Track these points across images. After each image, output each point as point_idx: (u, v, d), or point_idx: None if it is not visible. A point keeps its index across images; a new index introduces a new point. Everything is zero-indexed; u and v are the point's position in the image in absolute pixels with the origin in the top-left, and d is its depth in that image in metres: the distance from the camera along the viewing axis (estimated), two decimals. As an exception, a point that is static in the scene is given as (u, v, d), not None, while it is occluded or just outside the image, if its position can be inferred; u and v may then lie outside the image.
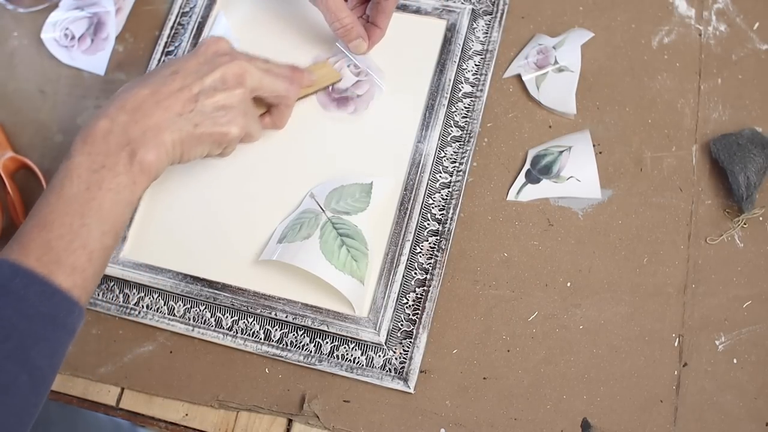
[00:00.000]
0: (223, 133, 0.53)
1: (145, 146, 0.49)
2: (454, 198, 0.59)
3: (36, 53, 0.72)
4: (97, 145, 0.48)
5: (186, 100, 0.51)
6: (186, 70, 0.52)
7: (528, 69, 0.64)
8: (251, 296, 0.58)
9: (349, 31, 0.60)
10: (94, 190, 0.47)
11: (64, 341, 0.46)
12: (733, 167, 0.57)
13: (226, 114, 0.53)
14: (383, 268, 0.58)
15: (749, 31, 0.64)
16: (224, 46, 0.55)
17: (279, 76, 0.57)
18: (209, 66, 0.53)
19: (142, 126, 0.49)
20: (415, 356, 0.55)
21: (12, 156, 0.67)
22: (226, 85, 0.53)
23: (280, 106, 0.59)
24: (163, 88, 0.51)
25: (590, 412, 0.54)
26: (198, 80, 0.52)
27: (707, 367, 0.54)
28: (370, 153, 0.62)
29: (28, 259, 0.45)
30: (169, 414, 0.58)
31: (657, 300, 0.56)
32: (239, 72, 0.53)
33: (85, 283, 0.47)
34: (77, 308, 0.46)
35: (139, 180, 0.49)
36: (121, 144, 0.49)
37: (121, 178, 0.48)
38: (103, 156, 0.48)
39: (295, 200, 0.61)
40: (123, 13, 0.71)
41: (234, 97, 0.53)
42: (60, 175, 0.48)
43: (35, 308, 0.44)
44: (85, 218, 0.47)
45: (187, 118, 0.51)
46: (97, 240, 0.47)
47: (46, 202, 0.47)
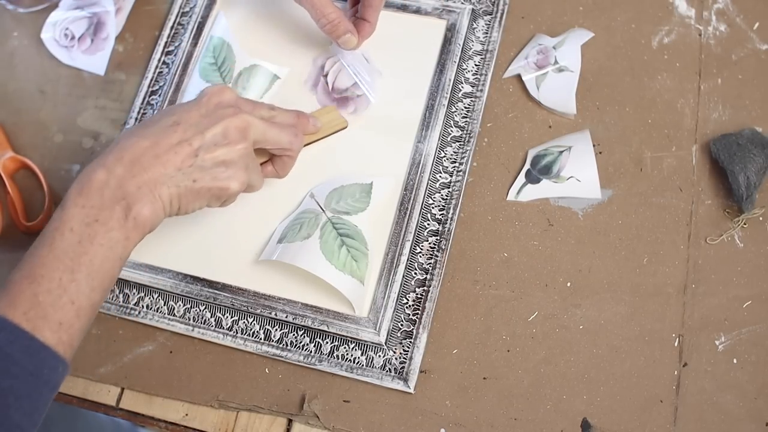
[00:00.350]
0: (222, 188, 0.51)
1: (141, 201, 0.48)
2: (454, 198, 0.59)
3: (36, 53, 0.72)
4: (91, 198, 0.47)
5: (185, 155, 0.49)
6: (187, 122, 0.51)
7: (528, 69, 0.64)
8: (251, 296, 0.58)
9: (336, 26, 0.59)
10: (86, 245, 0.46)
11: (45, 397, 0.44)
12: (733, 167, 0.57)
13: (227, 169, 0.51)
14: (383, 268, 0.58)
15: (749, 31, 0.64)
16: (228, 97, 0.53)
17: (284, 127, 0.55)
18: (211, 119, 0.51)
19: (138, 180, 0.48)
20: (415, 356, 0.55)
21: (12, 156, 0.67)
22: (227, 140, 0.51)
23: (284, 157, 0.58)
24: (163, 141, 0.49)
25: (590, 412, 0.54)
26: (198, 134, 0.50)
27: (707, 367, 0.54)
28: (370, 153, 0.62)
29: (15, 312, 0.44)
30: (169, 414, 0.58)
31: (657, 300, 0.56)
32: (242, 126, 0.52)
33: (71, 339, 0.45)
34: (62, 364, 0.45)
35: (132, 235, 0.48)
36: (117, 198, 0.47)
37: (114, 234, 0.47)
38: (97, 210, 0.47)
39: (295, 200, 0.61)
40: (123, 13, 0.71)
41: (235, 152, 0.51)
42: (52, 225, 0.47)
43: (19, 365, 0.43)
44: (75, 273, 0.46)
45: (186, 173, 0.49)
46: (86, 296, 0.46)
47: (36, 254, 0.46)
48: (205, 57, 0.67)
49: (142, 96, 0.67)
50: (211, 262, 0.60)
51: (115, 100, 0.69)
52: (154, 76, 0.68)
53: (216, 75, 0.66)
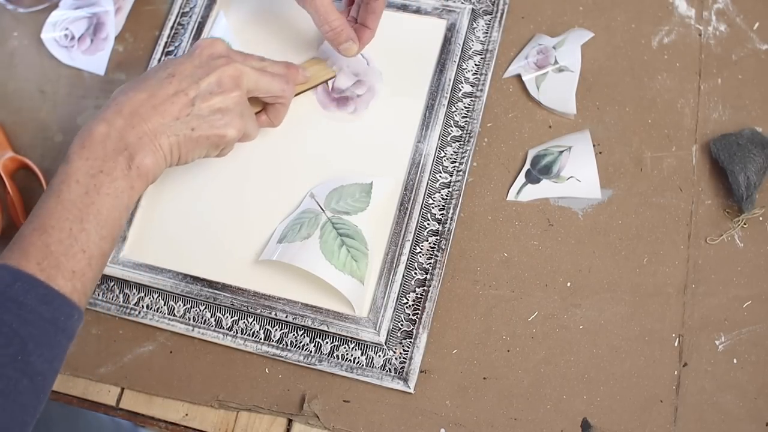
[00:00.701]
0: (220, 135, 0.53)
1: (142, 151, 0.49)
2: (454, 198, 0.59)
3: (36, 53, 0.72)
4: (94, 150, 0.49)
5: (182, 104, 0.51)
6: (182, 74, 0.52)
7: (528, 69, 0.64)
8: (251, 296, 0.58)
9: (338, 34, 0.60)
10: (93, 195, 0.48)
11: (63, 345, 0.46)
12: (733, 167, 0.57)
13: (223, 117, 0.53)
14: (383, 268, 0.58)
15: (749, 31, 0.64)
16: (220, 48, 0.55)
17: (275, 75, 0.57)
18: (205, 69, 0.53)
19: (138, 131, 0.50)
20: (415, 356, 0.55)
21: (12, 156, 0.67)
22: (222, 88, 0.53)
23: (277, 105, 0.60)
24: (160, 92, 0.51)
25: (590, 412, 0.54)
26: (194, 84, 0.52)
27: (707, 367, 0.54)
28: (370, 153, 0.62)
29: (28, 263, 0.45)
30: (169, 414, 0.58)
31: (657, 300, 0.56)
32: (235, 74, 0.53)
33: (84, 287, 0.47)
34: (77, 312, 0.46)
35: (136, 184, 0.50)
36: (119, 149, 0.49)
37: (119, 183, 0.49)
38: (101, 161, 0.49)
39: (295, 200, 0.61)
40: (123, 13, 0.71)
41: (230, 100, 0.53)
42: (58, 179, 0.48)
43: (36, 313, 0.44)
44: (84, 223, 0.47)
45: (184, 122, 0.51)
46: (96, 245, 0.48)
47: (45, 206, 0.47)
48: (205, 57, 0.67)
49: (142, 96, 0.67)
50: (211, 262, 0.60)
51: (115, 100, 0.69)
52: (154, 76, 0.68)
53: (216, 75, 0.66)
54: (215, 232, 0.61)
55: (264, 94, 0.57)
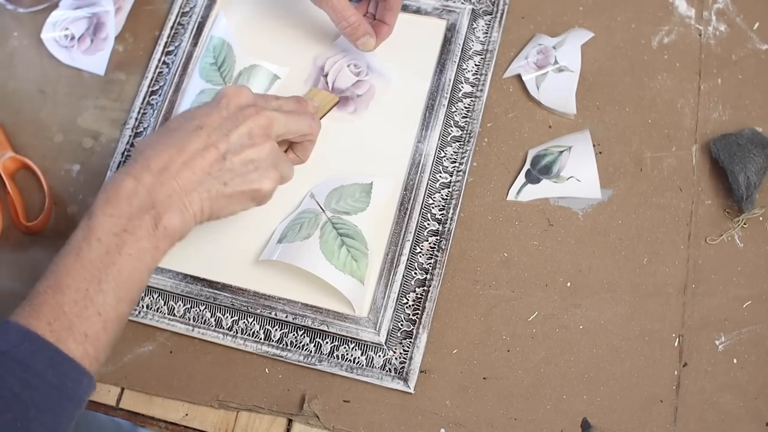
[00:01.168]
0: (255, 189, 0.51)
1: (171, 210, 0.47)
2: (454, 198, 0.59)
3: (36, 53, 0.72)
4: (120, 207, 0.46)
5: (213, 159, 0.49)
6: (210, 126, 0.50)
7: (528, 69, 0.64)
8: (251, 296, 0.58)
9: (356, 29, 0.60)
10: (114, 255, 0.45)
11: (69, 413, 0.43)
12: (733, 167, 0.57)
13: (257, 169, 0.50)
14: (383, 268, 0.58)
15: (749, 31, 0.64)
16: (246, 97, 0.52)
17: (300, 114, 0.55)
18: (233, 120, 0.50)
19: (168, 188, 0.47)
20: (415, 356, 0.55)
21: (12, 156, 0.67)
22: (253, 140, 0.50)
23: (305, 142, 0.58)
24: (189, 146, 0.48)
25: (590, 412, 0.54)
26: (224, 137, 0.49)
27: (707, 367, 0.54)
28: (370, 153, 0.62)
29: (39, 323, 0.43)
30: (169, 414, 0.58)
31: (657, 300, 0.56)
32: (266, 124, 0.51)
33: (96, 352, 0.45)
34: (86, 378, 0.44)
35: (161, 245, 0.47)
36: (146, 207, 0.46)
37: (143, 243, 0.46)
38: (126, 219, 0.46)
39: (295, 200, 0.61)
40: (123, 13, 0.71)
41: (263, 151, 0.51)
42: (79, 235, 0.46)
43: (41, 377, 0.42)
44: (102, 284, 0.45)
45: (216, 177, 0.49)
46: (113, 308, 0.45)
47: (62, 263, 0.45)
48: (205, 57, 0.67)
49: (142, 96, 0.67)
50: (211, 262, 0.60)
51: (115, 100, 0.69)
52: (154, 76, 0.68)
53: (216, 75, 0.66)
54: (215, 232, 0.61)
55: (293, 135, 0.55)
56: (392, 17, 0.61)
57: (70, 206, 0.65)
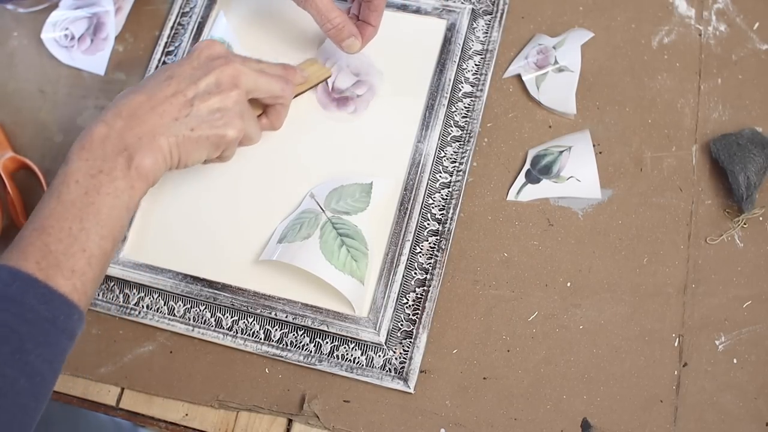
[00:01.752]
0: (220, 135, 0.53)
1: (141, 151, 0.49)
2: (454, 198, 0.59)
3: (36, 53, 0.72)
4: (94, 151, 0.49)
5: (181, 104, 0.51)
6: (180, 75, 0.52)
7: (528, 69, 0.64)
8: (251, 296, 0.58)
9: (340, 30, 0.60)
10: (93, 195, 0.48)
11: (63, 345, 0.46)
12: (733, 167, 0.57)
13: (222, 117, 0.53)
14: (383, 268, 0.58)
15: (749, 31, 0.64)
16: (218, 50, 0.55)
17: (274, 76, 0.57)
18: (203, 70, 0.53)
19: (137, 132, 0.50)
20: (415, 356, 0.55)
21: (12, 156, 0.67)
22: (220, 88, 0.53)
23: (277, 106, 0.59)
24: (158, 94, 0.51)
25: (590, 412, 0.54)
26: (192, 84, 0.52)
27: (707, 367, 0.54)
28: (370, 153, 0.62)
29: (27, 263, 0.45)
30: (169, 414, 0.58)
31: (657, 300, 0.56)
32: (234, 74, 0.53)
33: (84, 287, 0.47)
34: (77, 312, 0.46)
35: (137, 185, 0.50)
36: (118, 149, 0.49)
37: (119, 183, 0.49)
38: (101, 161, 0.49)
39: (295, 200, 0.61)
40: (123, 13, 0.71)
41: (229, 99, 0.53)
42: (58, 180, 0.48)
43: (34, 312, 0.44)
44: (83, 222, 0.47)
45: (183, 123, 0.51)
46: (96, 244, 0.47)
47: (44, 207, 0.47)
48: (205, 57, 0.67)
49: (142, 96, 0.67)
50: (211, 262, 0.60)
51: (115, 100, 0.69)
52: (154, 76, 0.68)
53: (216, 75, 0.66)
54: (215, 232, 0.61)
55: (264, 95, 0.57)
56: (377, 18, 0.61)
57: (70, 206, 0.65)
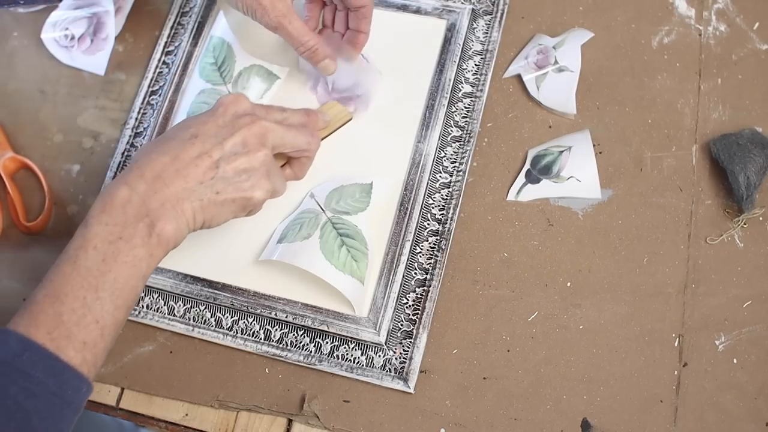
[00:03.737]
0: (246, 198, 0.51)
1: (164, 218, 0.47)
2: (454, 198, 0.59)
3: (36, 53, 0.72)
4: (114, 215, 0.47)
5: (207, 167, 0.49)
6: (205, 134, 0.50)
7: (528, 69, 0.64)
8: (251, 296, 0.58)
9: (315, 53, 0.59)
10: (110, 263, 0.46)
11: (69, 419, 0.44)
12: (733, 167, 0.57)
13: (249, 178, 0.50)
14: (383, 268, 0.58)
15: (749, 31, 0.64)
16: (244, 106, 0.52)
17: (299, 129, 0.55)
18: (229, 129, 0.50)
19: (161, 196, 0.48)
20: (415, 356, 0.55)
21: (12, 156, 0.67)
22: (247, 149, 0.50)
23: (302, 158, 0.57)
24: (183, 155, 0.49)
25: (590, 412, 0.54)
26: (218, 145, 0.49)
27: (707, 367, 0.54)
28: (370, 153, 0.62)
29: (38, 331, 0.43)
30: (169, 414, 0.58)
31: (657, 300, 0.56)
32: (261, 133, 0.51)
33: (95, 359, 0.45)
34: (85, 384, 0.45)
35: (156, 252, 0.48)
36: (140, 215, 0.47)
37: (138, 251, 0.47)
38: (121, 227, 0.46)
39: (295, 200, 0.61)
40: (123, 13, 0.71)
41: (256, 160, 0.50)
42: (75, 243, 0.46)
43: (43, 386, 0.42)
44: (99, 292, 0.45)
45: (209, 186, 0.49)
46: (110, 314, 0.46)
47: (59, 272, 0.46)
48: (205, 57, 0.67)
49: (142, 96, 0.67)
50: (211, 262, 0.60)
51: (115, 100, 0.69)
52: (154, 76, 0.68)
53: (216, 75, 0.66)
54: (215, 232, 0.61)
55: (290, 149, 0.54)
56: (367, 25, 0.61)
57: (70, 206, 0.65)
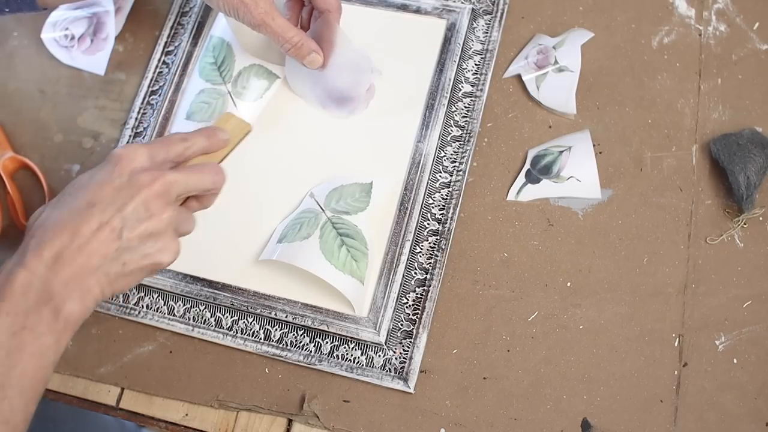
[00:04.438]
0: (155, 263, 0.47)
1: (70, 299, 0.44)
2: (454, 198, 0.59)
3: (36, 53, 0.72)
4: (15, 303, 0.43)
5: (109, 240, 0.45)
6: (102, 201, 0.45)
7: (528, 69, 0.64)
8: (251, 296, 0.58)
9: (300, 48, 0.59)
10: (15, 356, 0.42)
11: None
12: (733, 167, 0.57)
13: (156, 242, 0.47)
14: (383, 268, 0.58)
15: (749, 31, 0.64)
16: (139, 159, 0.48)
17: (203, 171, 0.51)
18: (127, 191, 0.46)
19: (63, 277, 0.44)
20: (415, 356, 0.55)
21: (12, 156, 0.67)
22: (150, 212, 0.46)
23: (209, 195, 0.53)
24: (82, 228, 0.45)
25: (590, 412, 0.54)
26: (117, 213, 0.45)
27: (707, 367, 0.54)
28: (370, 153, 0.62)
29: None
30: (169, 414, 0.58)
31: (657, 300, 0.56)
32: (163, 191, 0.47)
33: None
34: None
35: (63, 337, 0.44)
36: (43, 300, 0.43)
37: (45, 339, 0.43)
38: (23, 316, 0.43)
39: (295, 200, 0.61)
40: (123, 13, 0.71)
41: (161, 223, 0.47)
42: None
43: None
44: (6, 389, 0.41)
45: (114, 258, 0.45)
46: (21, 411, 0.42)
47: None
48: (205, 57, 0.67)
49: (142, 96, 0.67)
50: (211, 262, 0.60)
51: (115, 100, 0.69)
52: (154, 76, 0.68)
53: (216, 75, 0.66)
54: (215, 232, 0.61)
55: (196, 193, 0.51)
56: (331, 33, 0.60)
57: (70, 206, 0.65)
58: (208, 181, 0.51)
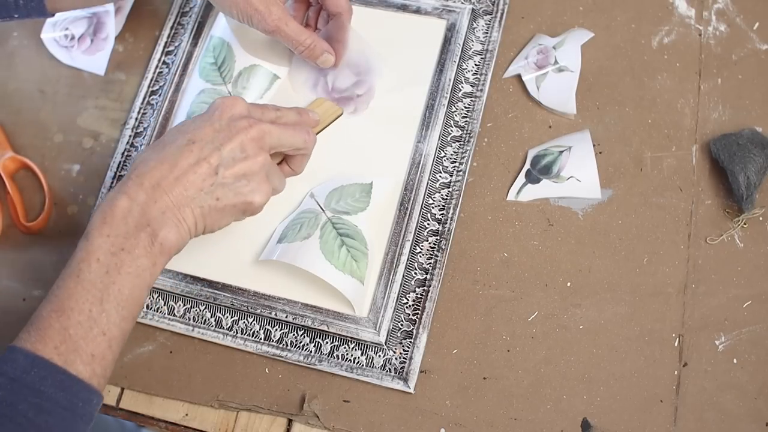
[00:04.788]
0: (247, 202, 0.51)
1: (166, 226, 0.47)
2: (454, 198, 0.59)
3: (36, 53, 0.72)
4: (116, 226, 0.47)
5: (205, 174, 0.49)
6: (202, 140, 0.49)
7: (528, 69, 0.64)
8: (251, 296, 0.58)
9: (313, 50, 0.60)
10: (114, 275, 0.46)
11: (81, 430, 0.44)
12: (733, 167, 0.57)
13: (249, 183, 0.50)
14: (383, 268, 0.58)
15: (749, 31, 0.64)
16: (239, 108, 0.52)
17: (295, 128, 0.54)
18: (226, 133, 0.50)
19: (161, 205, 0.47)
20: (415, 356, 0.55)
21: (12, 156, 0.67)
22: (245, 154, 0.50)
23: (299, 156, 0.57)
24: (181, 162, 0.48)
25: (590, 412, 0.54)
26: (215, 151, 0.49)
27: (707, 367, 0.54)
28: (370, 153, 0.62)
29: (45, 347, 0.43)
30: (169, 414, 0.58)
31: (657, 300, 0.56)
32: (258, 137, 0.50)
33: (104, 371, 0.46)
34: (96, 396, 0.45)
35: (158, 261, 0.48)
36: (141, 225, 0.47)
37: (141, 261, 0.47)
38: (123, 238, 0.46)
39: (295, 200, 0.61)
40: (123, 13, 0.71)
41: (255, 165, 0.50)
42: (78, 256, 0.46)
43: (53, 401, 0.43)
44: (104, 304, 0.45)
45: (208, 192, 0.49)
46: (117, 325, 0.46)
47: (64, 286, 0.46)
48: (205, 57, 0.67)
49: (142, 96, 0.67)
50: (211, 262, 0.60)
51: (115, 100, 0.69)
52: (154, 76, 0.68)
53: (216, 75, 0.66)
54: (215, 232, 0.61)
55: (287, 149, 0.54)
56: (344, 33, 0.62)
57: (70, 206, 0.65)
58: (300, 139, 0.54)
